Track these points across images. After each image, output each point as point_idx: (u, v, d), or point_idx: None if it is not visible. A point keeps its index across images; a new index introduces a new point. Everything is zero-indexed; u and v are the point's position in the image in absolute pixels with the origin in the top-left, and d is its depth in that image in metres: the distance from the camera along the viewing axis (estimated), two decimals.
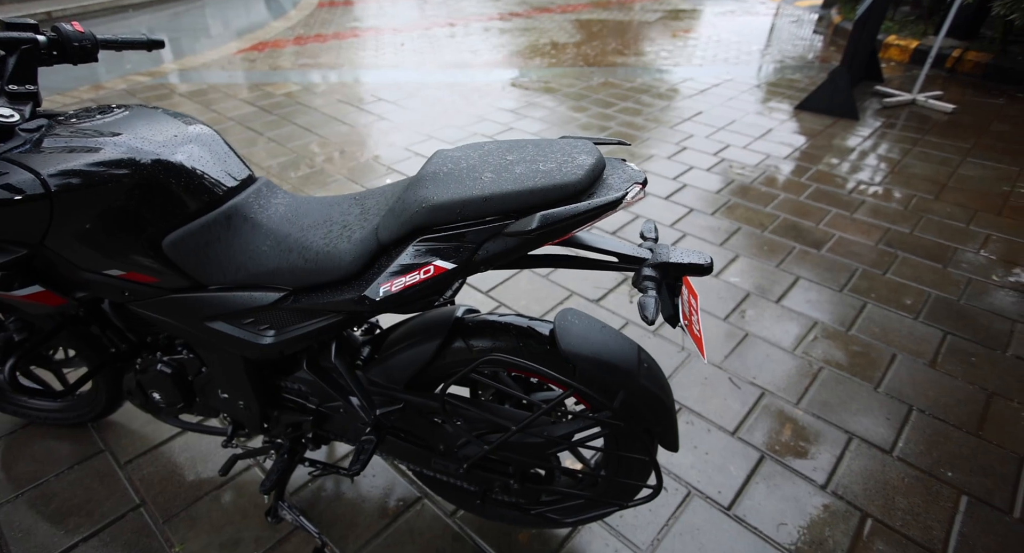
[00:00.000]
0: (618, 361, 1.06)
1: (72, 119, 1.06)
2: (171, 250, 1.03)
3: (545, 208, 0.85)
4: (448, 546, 1.46)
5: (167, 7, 7.43)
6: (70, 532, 1.46)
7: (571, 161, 0.89)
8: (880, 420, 1.80)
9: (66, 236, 1.02)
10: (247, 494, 1.57)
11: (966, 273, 2.51)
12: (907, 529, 1.49)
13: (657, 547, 1.45)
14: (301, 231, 1.03)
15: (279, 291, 1.05)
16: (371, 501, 1.56)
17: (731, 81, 4.97)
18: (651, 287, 0.89)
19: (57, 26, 1.20)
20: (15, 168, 0.97)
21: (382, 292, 0.92)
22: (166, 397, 1.30)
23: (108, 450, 1.67)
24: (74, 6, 6.39)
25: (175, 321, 1.13)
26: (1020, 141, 3.88)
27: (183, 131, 1.07)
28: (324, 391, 1.20)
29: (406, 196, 0.92)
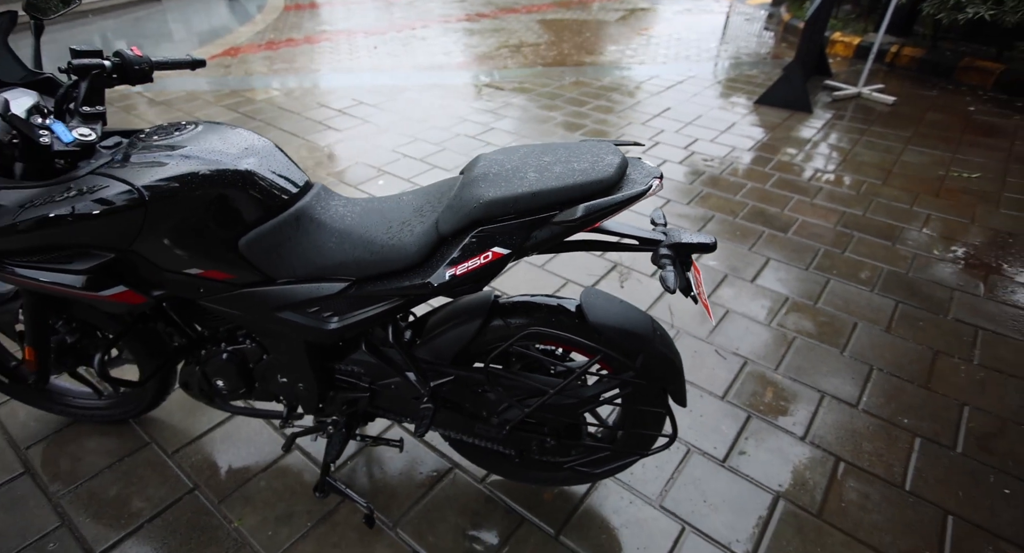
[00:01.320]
0: (637, 329, 1.26)
1: (154, 136, 1.20)
2: (247, 249, 1.18)
3: (583, 201, 1.04)
4: (482, 508, 1.64)
5: (127, 12, 7.31)
6: (134, 515, 1.58)
7: (601, 160, 1.08)
8: (847, 379, 2.06)
9: (153, 240, 1.15)
10: (292, 473, 1.71)
11: (912, 249, 2.82)
12: (873, 468, 1.74)
13: (665, 497, 1.66)
14: (363, 228, 1.19)
15: (343, 281, 1.21)
16: (407, 474, 1.72)
17: (694, 78, 5.25)
18: (668, 263, 1.09)
19: (120, 52, 1.32)
20: (112, 181, 1.11)
21: (448, 276, 1.09)
22: (229, 384, 1.44)
23: (154, 442, 1.79)
24: None
25: (245, 313, 1.27)
26: (951, 129, 4.27)
27: (251, 143, 1.22)
28: (381, 369, 1.36)
29: (463, 194, 1.09)
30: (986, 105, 4.79)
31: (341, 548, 1.52)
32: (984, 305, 2.44)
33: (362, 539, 1.55)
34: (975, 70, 5.24)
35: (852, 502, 1.64)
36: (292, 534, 1.55)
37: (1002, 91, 5.08)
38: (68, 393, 1.80)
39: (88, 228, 1.12)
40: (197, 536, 1.54)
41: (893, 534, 1.56)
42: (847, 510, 1.62)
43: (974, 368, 2.11)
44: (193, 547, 1.51)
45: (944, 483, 1.70)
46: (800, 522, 1.59)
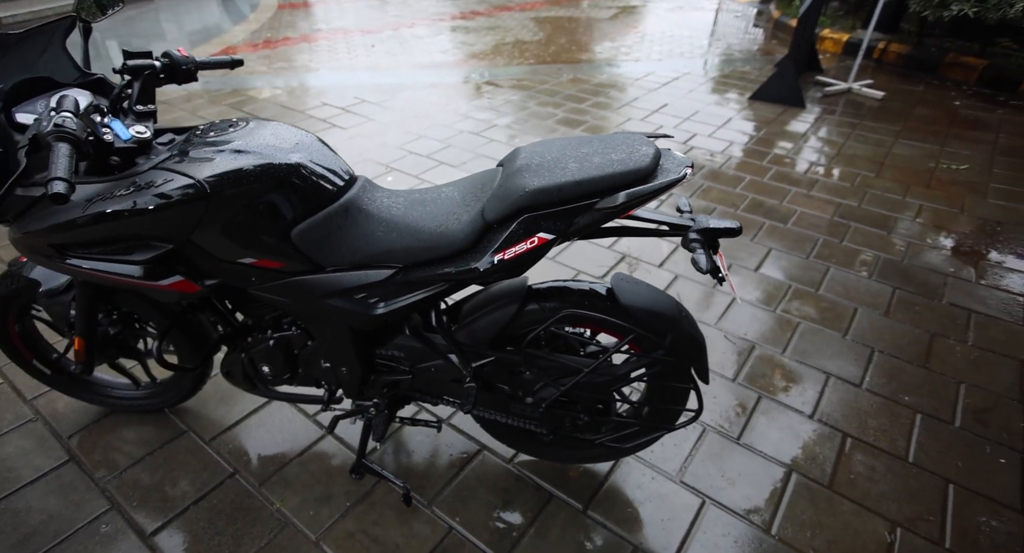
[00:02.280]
0: (666, 311, 1.35)
1: (210, 132, 1.26)
2: (299, 239, 1.25)
3: (623, 189, 1.12)
4: (512, 486, 1.72)
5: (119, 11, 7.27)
6: (179, 498, 1.65)
7: (637, 151, 1.16)
8: (850, 361, 2.16)
9: (211, 231, 1.22)
10: (327, 457, 1.78)
11: (906, 238, 2.93)
12: (878, 442, 1.85)
13: (685, 472, 1.75)
14: (409, 217, 1.27)
15: (390, 268, 1.28)
16: (437, 456, 1.80)
17: (689, 74, 5.35)
18: (698, 247, 1.17)
19: (168, 52, 1.39)
20: (175, 175, 1.17)
21: (496, 260, 1.17)
22: (274, 370, 1.51)
23: (191, 430, 1.85)
24: (25, 12, 6.22)
25: (294, 300, 1.34)
26: (938, 123, 4.40)
27: (300, 138, 1.28)
28: (422, 353, 1.44)
29: (508, 184, 1.17)
30: (971, 99, 4.94)
31: (381, 526, 1.60)
32: (976, 290, 2.56)
33: (400, 517, 1.62)
34: (959, 66, 5.39)
35: (860, 474, 1.74)
36: (333, 514, 1.62)
37: (985, 86, 5.24)
38: (107, 384, 1.85)
39: (152, 220, 1.18)
40: (242, 517, 1.61)
41: (899, 502, 1.66)
42: (855, 481, 1.72)
43: (968, 348, 2.22)
44: (239, 527, 1.58)
45: (944, 455, 1.81)
46: (812, 493, 1.69)
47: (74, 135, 1.05)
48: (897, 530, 1.59)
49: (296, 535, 1.57)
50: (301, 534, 1.57)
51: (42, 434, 1.80)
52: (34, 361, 1.76)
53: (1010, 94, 5.07)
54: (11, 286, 1.53)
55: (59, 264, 1.29)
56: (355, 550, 1.54)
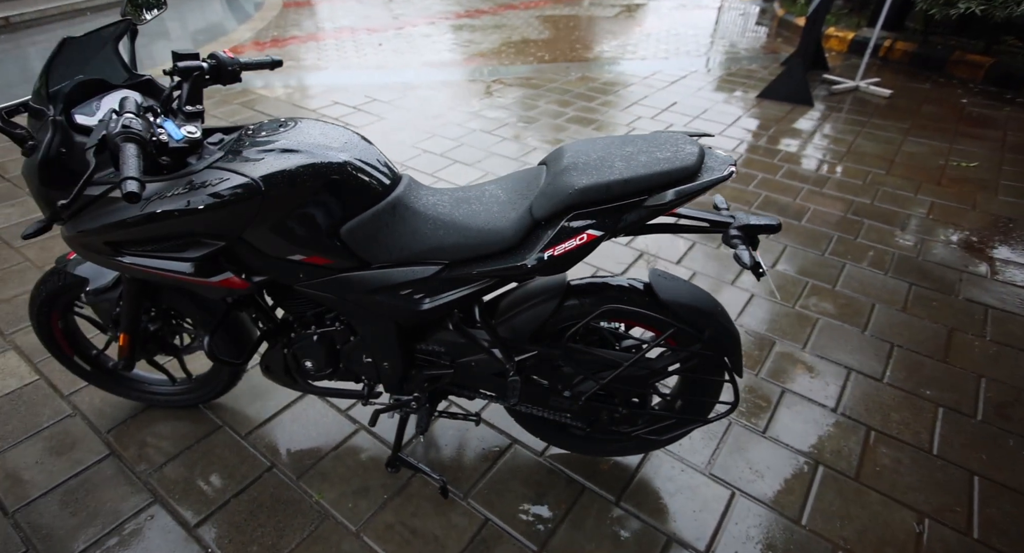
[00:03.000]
0: (704, 306, 1.38)
1: (261, 132, 1.29)
2: (348, 236, 1.28)
3: (670, 186, 1.15)
4: (545, 479, 1.75)
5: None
6: (221, 490, 1.68)
7: (682, 150, 1.19)
8: (870, 356, 2.20)
9: (263, 229, 1.25)
10: (362, 451, 1.81)
11: (919, 235, 2.97)
12: (902, 435, 1.88)
13: (713, 465, 1.79)
14: (456, 215, 1.29)
15: (437, 265, 1.31)
16: (469, 449, 1.83)
17: (696, 72, 5.38)
18: (740, 243, 1.21)
19: (215, 54, 1.41)
20: (231, 174, 1.20)
21: (546, 256, 1.20)
22: (317, 365, 1.54)
23: (226, 425, 1.88)
24: (32, 11, 6.22)
25: (340, 296, 1.37)
26: (946, 121, 4.44)
27: (349, 138, 1.31)
28: (464, 347, 1.46)
29: (556, 182, 1.20)
30: (977, 97, 4.97)
31: (419, 517, 1.63)
32: (991, 285, 2.60)
33: (437, 509, 1.65)
34: (965, 64, 5.43)
35: (886, 466, 1.78)
36: (371, 506, 1.66)
37: (992, 84, 5.27)
38: (143, 380, 1.88)
39: (209, 218, 1.21)
40: (282, 509, 1.64)
41: (926, 494, 1.70)
42: (882, 473, 1.76)
43: (987, 343, 2.26)
44: (280, 519, 1.61)
45: (968, 447, 1.84)
46: (840, 485, 1.72)
47: (140, 135, 1.08)
48: (925, 521, 1.62)
49: (337, 527, 1.60)
50: (342, 526, 1.60)
51: (82, 429, 1.83)
52: (74, 357, 1.78)
53: (1016, 92, 5.10)
54: (58, 283, 1.56)
55: (113, 261, 1.32)
56: (395, 541, 1.57)
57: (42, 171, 1.19)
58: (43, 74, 1.23)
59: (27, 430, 1.82)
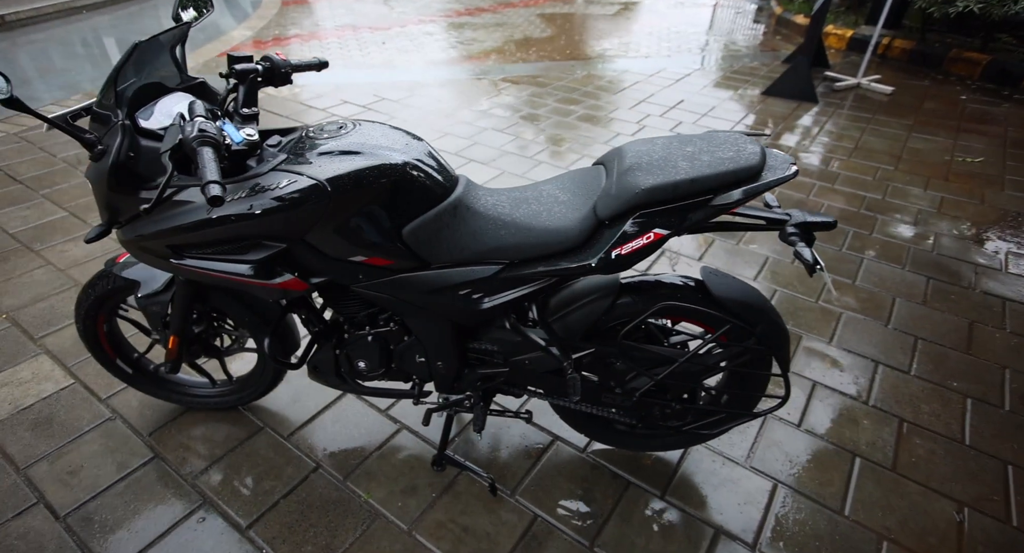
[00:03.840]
0: (756, 301, 1.40)
1: (323, 133, 1.29)
2: (409, 237, 1.28)
3: (735, 185, 1.17)
4: (589, 475, 1.77)
5: (120, 7, 7.19)
6: (269, 491, 1.68)
7: (744, 149, 1.21)
8: (896, 349, 2.24)
9: (327, 230, 1.25)
10: (405, 450, 1.82)
11: (932, 229, 3.02)
12: (933, 426, 1.93)
13: (753, 458, 1.82)
14: (516, 215, 1.31)
15: (497, 264, 1.32)
16: (512, 447, 1.85)
17: (699, 70, 5.42)
18: (798, 241, 1.23)
19: (268, 56, 1.41)
20: (298, 177, 1.20)
21: (614, 255, 1.21)
22: (370, 365, 1.55)
23: (268, 427, 1.88)
24: (28, 8, 6.13)
25: (399, 296, 1.38)
26: (947, 117, 4.51)
27: (409, 139, 1.32)
28: (520, 345, 1.48)
29: (621, 183, 1.22)
30: (976, 94, 5.05)
31: (469, 515, 1.64)
32: (1006, 278, 2.65)
33: (486, 506, 1.67)
34: (963, 61, 5.51)
35: (921, 457, 1.82)
36: (420, 505, 1.67)
37: (989, 80, 5.36)
38: (184, 382, 1.88)
39: (275, 221, 1.21)
40: (333, 509, 1.64)
41: (962, 483, 1.74)
42: (918, 464, 1.80)
43: (1007, 335, 2.31)
44: (332, 519, 1.62)
45: (999, 437, 1.89)
46: (878, 475, 1.76)
47: (216, 139, 1.08)
48: (964, 510, 1.66)
49: (388, 526, 1.61)
50: (393, 525, 1.61)
51: (123, 432, 1.83)
52: (117, 360, 1.78)
53: (1013, 88, 5.19)
54: (106, 287, 1.55)
55: (173, 264, 1.32)
56: (449, 539, 1.58)
57: (111, 176, 1.19)
58: (111, 79, 1.22)
59: (69, 434, 1.81)
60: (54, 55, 5.44)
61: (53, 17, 6.38)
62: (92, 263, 2.57)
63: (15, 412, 1.87)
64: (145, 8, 7.32)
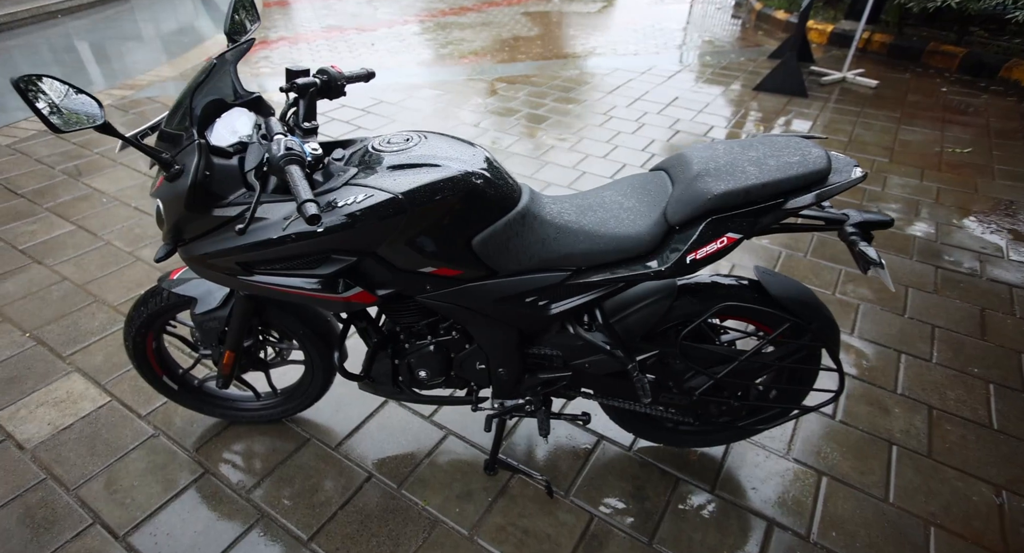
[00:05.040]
0: (811, 300, 1.45)
1: (391, 146, 1.29)
2: (479, 247, 1.29)
3: (804, 189, 1.21)
4: (639, 472, 1.80)
5: (96, 12, 6.99)
6: (324, 504, 1.68)
7: (809, 153, 1.25)
8: (915, 338, 2.32)
9: (400, 243, 1.26)
10: (455, 455, 1.83)
11: (934, 219, 3.13)
12: (961, 412, 2.00)
13: (793, 450, 1.87)
14: (583, 222, 1.33)
15: (565, 271, 1.34)
16: (559, 448, 1.87)
17: (689, 67, 5.49)
18: (859, 240, 1.27)
19: (324, 69, 1.41)
20: (373, 191, 1.20)
21: (688, 260, 1.24)
22: (431, 374, 1.55)
23: (314, 438, 1.87)
24: (2, 14, 5.92)
25: (465, 306, 1.39)
26: (931, 109, 4.65)
27: (475, 150, 1.33)
28: (582, 349, 1.50)
29: (692, 189, 1.24)
30: (955, 86, 5.22)
31: (528, 518, 1.66)
32: (1009, 265, 2.76)
33: (543, 508, 1.69)
34: (941, 54, 5.68)
35: (954, 443, 1.89)
36: (478, 509, 1.68)
37: (966, 73, 5.53)
38: (229, 396, 1.86)
39: (350, 235, 1.21)
40: (392, 518, 1.65)
41: (997, 467, 1.82)
42: (952, 450, 1.87)
43: (1018, 321, 2.41)
44: (392, 528, 1.62)
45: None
46: (916, 462, 1.83)
47: (301, 157, 1.08)
48: (1003, 493, 1.74)
49: (450, 532, 1.62)
50: (454, 531, 1.62)
51: (169, 449, 1.80)
52: (163, 377, 1.75)
53: (989, 80, 5.37)
54: (160, 303, 1.53)
55: (242, 281, 1.31)
56: (511, 543, 1.60)
57: (190, 195, 1.18)
58: (188, 97, 1.21)
59: (115, 452, 1.78)
60: (34, 62, 5.28)
61: (29, 22, 6.18)
62: (109, 277, 2.52)
63: (56, 432, 1.83)
64: (121, 12, 7.14)
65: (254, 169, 1.21)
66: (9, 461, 1.74)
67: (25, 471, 1.72)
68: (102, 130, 1.04)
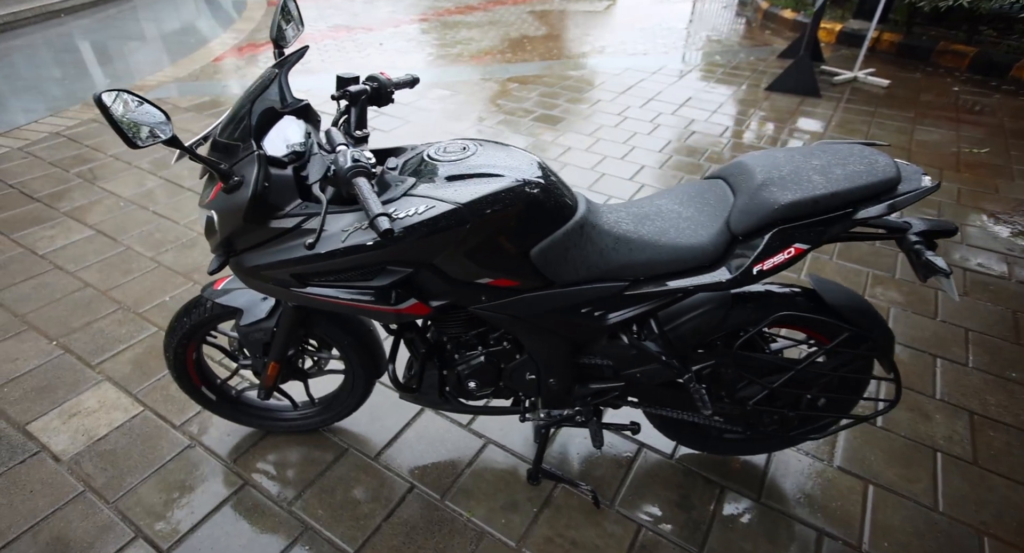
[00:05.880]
0: (867, 308, 1.43)
1: (448, 155, 1.26)
2: (538, 257, 1.27)
3: (874, 198, 1.19)
4: (683, 481, 1.78)
5: (99, 10, 6.92)
6: (369, 514, 1.65)
7: (876, 162, 1.23)
8: (950, 342, 2.30)
9: (459, 254, 1.23)
10: (497, 465, 1.80)
11: (957, 220, 3.11)
12: (1003, 418, 1.99)
13: (837, 457, 1.85)
14: (641, 232, 1.30)
15: (623, 281, 1.31)
16: (600, 457, 1.85)
17: (700, 67, 5.47)
18: (924, 249, 1.25)
19: (374, 76, 1.38)
20: (434, 202, 1.17)
21: (755, 271, 1.22)
22: (480, 384, 1.52)
23: (353, 448, 1.84)
24: (5, 13, 5.85)
25: (517, 315, 1.36)
26: (945, 109, 4.64)
27: (533, 158, 1.30)
28: (634, 358, 1.47)
29: (757, 199, 1.22)
30: (966, 85, 5.21)
31: (574, 528, 1.64)
32: None
33: (589, 519, 1.67)
34: (951, 53, 5.67)
35: (999, 450, 1.88)
36: (524, 520, 1.66)
37: (976, 72, 5.52)
38: (267, 406, 1.83)
39: (410, 246, 1.18)
40: (437, 530, 1.62)
41: None
42: (998, 457, 1.85)
43: None
44: (439, 540, 1.60)
45: None
46: (962, 470, 1.81)
47: (367, 169, 1.05)
48: None
49: (497, 544, 1.60)
50: (501, 542, 1.60)
51: (206, 460, 1.77)
52: (202, 387, 1.72)
53: (1000, 79, 5.36)
54: (203, 314, 1.50)
55: (295, 292, 1.28)
56: None
57: (249, 208, 1.15)
58: (244, 107, 1.18)
59: (151, 464, 1.75)
60: (40, 62, 5.22)
61: (32, 22, 6.11)
62: (132, 283, 2.48)
63: (91, 443, 1.80)
64: (124, 10, 7.07)
65: (319, 181, 1.17)
66: (46, 473, 1.71)
67: (63, 484, 1.68)
68: (169, 142, 1.01)
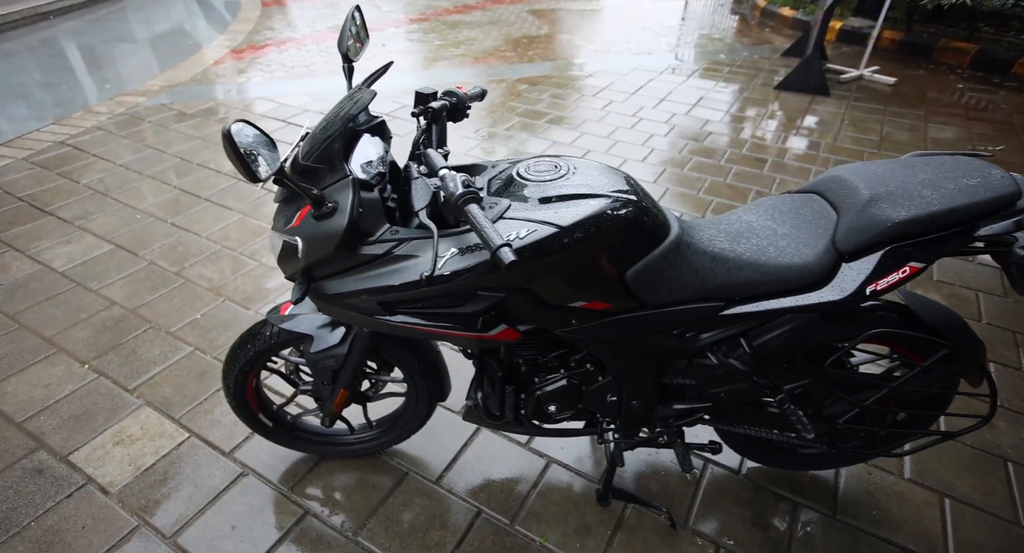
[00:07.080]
0: (960, 324, 1.39)
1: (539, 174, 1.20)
2: (633, 279, 1.21)
3: (992, 213, 1.15)
4: (754, 497, 1.74)
5: (88, 12, 6.72)
6: (439, 542, 1.58)
7: (990, 175, 1.19)
8: (999, 345, 2.29)
9: (555, 277, 1.17)
10: (564, 486, 1.75)
11: None
12: None
13: (907, 470, 1.82)
14: (740, 251, 1.25)
15: (718, 302, 1.26)
16: (666, 475, 1.80)
17: (706, 66, 5.44)
18: None
19: (452, 91, 1.32)
20: (533, 225, 1.11)
21: (869, 291, 1.17)
22: (561, 408, 1.46)
23: (413, 472, 1.77)
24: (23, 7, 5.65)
25: (608, 338, 1.31)
26: (953, 106, 4.67)
27: (626, 177, 1.24)
28: (720, 378, 1.42)
29: (866, 216, 1.17)
30: (970, 83, 5.25)
31: (651, 551, 1.59)
32: None
33: (665, 540, 1.62)
34: (952, 50, 5.71)
35: None
36: (599, 544, 1.60)
37: (978, 69, 5.56)
38: (322, 432, 1.75)
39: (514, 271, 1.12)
40: None
41: None
42: None
43: None
44: None
45: None
46: None
47: (478, 195, 0.99)
48: None
49: None
50: None
51: (262, 488, 1.69)
52: (259, 414, 1.64)
53: (1003, 76, 5.41)
54: (270, 341, 1.42)
55: (380, 320, 1.21)
56: None
57: (345, 235, 1.08)
58: (337, 128, 1.10)
59: (206, 495, 1.66)
60: (33, 67, 5.04)
61: (20, 24, 5.91)
62: (159, 301, 2.38)
63: (139, 473, 1.71)
64: (112, 11, 6.87)
65: (425, 207, 1.10)
66: (96, 507, 1.62)
67: (116, 518, 1.59)
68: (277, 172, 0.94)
